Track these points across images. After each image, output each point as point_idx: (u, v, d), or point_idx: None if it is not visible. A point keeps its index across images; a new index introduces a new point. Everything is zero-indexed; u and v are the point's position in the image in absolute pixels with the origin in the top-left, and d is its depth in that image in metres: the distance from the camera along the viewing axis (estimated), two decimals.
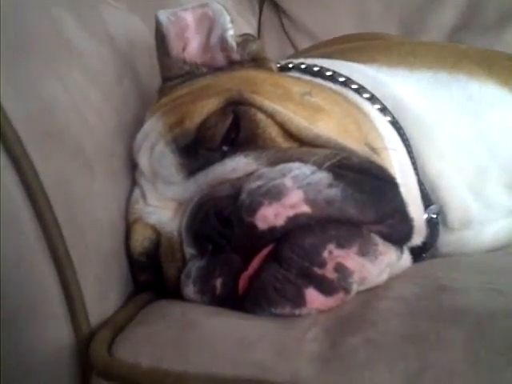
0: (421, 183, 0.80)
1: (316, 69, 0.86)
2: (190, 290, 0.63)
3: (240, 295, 0.59)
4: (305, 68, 0.88)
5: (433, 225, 0.80)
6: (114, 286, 0.67)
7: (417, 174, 0.79)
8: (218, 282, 0.60)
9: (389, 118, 0.81)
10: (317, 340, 0.54)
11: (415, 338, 0.52)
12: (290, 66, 0.89)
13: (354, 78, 0.84)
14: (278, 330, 0.55)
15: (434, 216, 0.79)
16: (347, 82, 0.83)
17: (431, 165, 0.80)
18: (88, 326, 0.60)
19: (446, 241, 0.81)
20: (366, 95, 0.82)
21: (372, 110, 0.80)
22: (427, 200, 0.79)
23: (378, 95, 0.82)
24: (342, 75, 0.84)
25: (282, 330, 0.55)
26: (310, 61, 0.89)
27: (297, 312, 0.57)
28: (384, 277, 0.63)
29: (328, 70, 0.86)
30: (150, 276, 0.71)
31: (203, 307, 0.61)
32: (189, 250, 0.65)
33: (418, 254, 0.77)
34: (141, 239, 0.70)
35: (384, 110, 0.82)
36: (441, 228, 0.80)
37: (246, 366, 0.52)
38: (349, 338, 0.53)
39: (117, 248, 0.69)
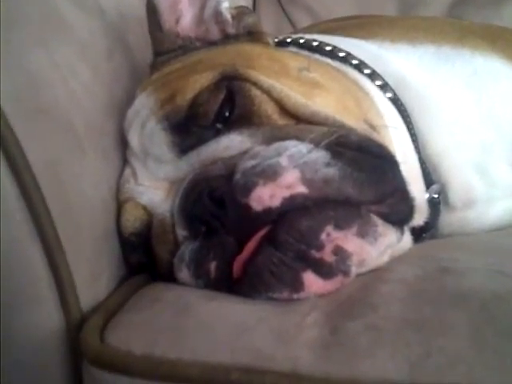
0: (422, 162, 0.79)
1: (315, 44, 0.85)
2: (183, 273, 0.62)
3: (235, 279, 0.57)
4: (303, 43, 0.86)
5: (434, 204, 0.79)
6: (105, 269, 0.65)
7: (418, 152, 0.78)
8: (212, 266, 0.59)
9: (390, 95, 0.80)
10: (317, 325, 0.53)
11: (418, 322, 0.51)
12: (288, 40, 0.87)
13: (354, 53, 0.82)
14: (276, 314, 0.54)
15: (436, 196, 0.78)
16: (347, 58, 0.81)
17: (433, 142, 0.79)
18: (79, 311, 0.59)
19: (448, 221, 0.80)
20: (367, 71, 0.80)
21: (372, 87, 0.79)
22: (428, 179, 0.78)
23: (379, 71, 0.81)
24: (342, 50, 0.82)
25: (281, 315, 0.54)
26: (308, 36, 0.88)
27: (295, 296, 0.56)
28: (384, 258, 0.62)
29: (328, 44, 0.84)
30: (142, 257, 0.70)
31: (198, 291, 0.59)
32: (181, 232, 0.63)
33: (418, 234, 0.76)
34: (132, 219, 0.68)
35: (385, 86, 0.81)
36: (442, 208, 0.79)
37: (244, 353, 0.51)
38: (349, 324, 0.52)
39: (108, 229, 0.68)
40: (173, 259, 0.64)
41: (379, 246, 0.59)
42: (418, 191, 0.74)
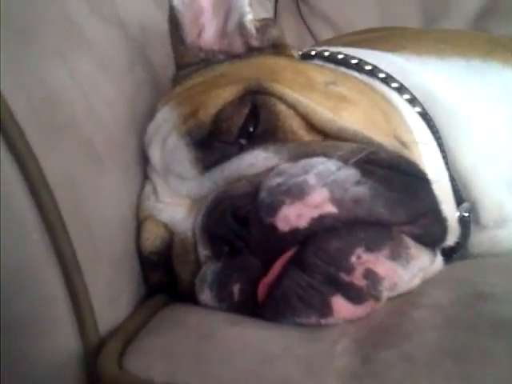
0: (452, 179, 0.76)
1: (340, 57, 0.82)
2: (205, 295, 0.60)
3: (260, 303, 0.56)
4: (328, 56, 0.84)
5: (464, 223, 0.76)
6: (125, 289, 0.64)
7: (448, 169, 0.76)
8: (236, 289, 0.57)
9: (418, 109, 0.77)
10: (347, 354, 0.50)
11: (455, 352, 0.48)
12: (313, 53, 0.85)
13: (381, 66, 0.80)
14: (303, 341, 0.52)
15: (466, 214, 0.75)
16: (374, 71, 0.79)
17: (464, 159, 0.76)
18: (97, 334, 0.57)
19: (478, 240, 0.77)
20: (395, 85, 0.78)
21: (401, 101, 0.76)
22: (458, 197, 0.75)
23: (406, 85, 0.78)
24: (368, 63, 0.80)
25: (309, 342, 0.52)
26: (333, 49, 0.86)
27: (323, 322, 0.54)
28: (416, 281, 0.59)
29: (353, 58, 0.82)
30: (163, 277, 0.68)
31: (221, 314, 0.57)
32: (203, 252, 0.61)
33: (448, 254, 0.72)
34: (152, 238, 0.67)
35: (413, 100, 0.78)
36: (472, 227, 0.76)
37: (270, 383, 0.48)
38: (382, 353, 0.49)
39: (128, 248, 0.66)
40: (194, 280, 0.62)
41: (412, 269, 0.57)
42: (449, 210, 0.70)
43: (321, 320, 0.54)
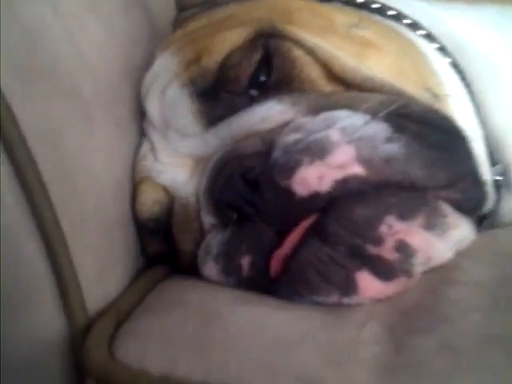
0: (484, 138, 0.71)
1: (361, 0, 0.75)
2: (210, 268, 0.56)
3: (273, 278, 0.52)
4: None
5: (496, 188, 0.70)
6: (118, 262, 0.59)
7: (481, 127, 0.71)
8: (245, 261, 0.53)
9: (449, 60, 0.72)
10: (376, 340, 0.45)
11: (505, 340, 0.43)
12: None
13: (405, 12, 0.74)
14: (324, 325, 0.47)
15: (499, 178, 0.70)
16: (398, 17, 0.73)
17: (498, 116, 0.71)
18: (84, 314, 0.52)
19: (510, 207, 0.72)
20: (422, 32, 0.72)
21: (430, 50, 0.70)
22: (491, 158, 0.70)
23: (434, 33, 0.73)
24: (392, 8, 0.74)
25: (331, 326, 0.47)
26: None
27: (346, 301, 0.50)
28: (449, 254, 0.54)
29: (375, 2, 0.75)
30: (162, 246, 0.65)
31: (227, 291, 0.53)
32: (208, 219, 0.58)
33: (477, 222, 0.66)
34: (149, 202, 0.63)
35: (443, 49, 0.72)
36: (504, 192, 0.71)
37: (286, 376, 0.43)
38: (418, 339, 0.45)
39: (122, 214, 0.61)
40: (197, 251, 0.59)
41: (449, 241, 0.52)
42: (485, 173, 0.65)
43: (344, 299, 0.50)
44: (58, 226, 0.50)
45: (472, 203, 0.55)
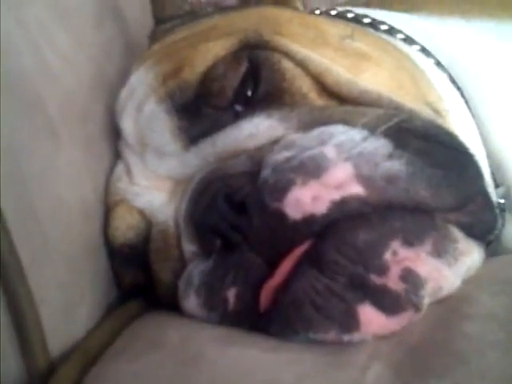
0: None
1: (350, 15, 0.74)
2: (191, 302, 0.52)
3: (263, 312, 0.48)
4: (336, 15, 0.75)
5: (499, 212, 0.68)
6: (85, 297, 0.55)
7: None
8: (231, 294, 0.50)
9: (446, 76, 0.70)
10: None
11: None
12: (317, 12, 0.77)
13: (398, 27, 0.73)
14: (323, 367, 0.43)
15: (502, 201, 0.68)
16: (392, 31, 0.72)
17: (497, 136, 0.69)
18: (46, 358, 0.48)
19: None
20: (416, 47, 0.71)
21: (428, 64, 0.69)
22: (493, 180, 0.69)
23: (428, 48, 0.72)
24: (383, 23, 0.73)
25: (330, 369, 0.43)
26: (340, 8, 0.78)
27: (346, 338, 0.46)
28: (457, 283, 0.51)
29: (366, 16, 0.74)
30: (138, 276, 0.61)
31: (211, 329, 0.49)
32: (189, 247, 0.54)
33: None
34: (124, 227, 0.60)
35: (439, 65, 0.71)
36: (507, 216, 0.69)
37: None
38: (430, 383, 0.40)
39: (91, 243, 0.58)
40: (177, 282, 0.55)
41: (460, 269, 0.49)
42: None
43: (344, 336, 0.46)
44: (15, 257, 0.45)
45: (484, 227, 0.52)
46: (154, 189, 0.59)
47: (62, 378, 0.46)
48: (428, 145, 0.50)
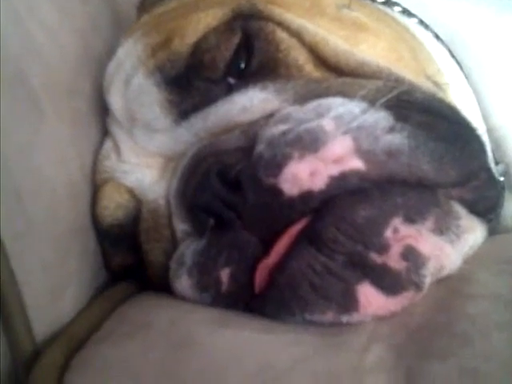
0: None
1: None
2: (183, 283, 0.51)
3: (257, 293, 0.47)
4: None
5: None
6: (73, 278, 0.53)
7: None
8: (225, 274, 0.48)
9: (445, 49, 0.69)
10: (383, 367, 0.40)
11: None
12: None
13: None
14: (320, 350, 0.42)
15: (501, 179, 0.67)
16: (389, 4, 0.70)
17: (497, 112, 0.68)
18: (31, 342, 0.46)
19: None
20: (414, 20, 0.69)
21: (428, 37, 0.67)
22: (493, 157, 0.68)
23: (426, 21, 0.70)
24: None
25: (328, 351, 0.42)
26: None
27: (345, 319, 0.45)
28: (459, 262, 0.50)
29: None
30: (127, 257, 0.60)
31: (203, 311, 0.48)
32: (181, 226, 0.53)
33: None
34: (112, 206, 0.58)
35: (437, 38, 0.69)
36: (507, 194, 0.68)
37: None
38: (434, 365, 0.39)
39: (78, 222, 0.55)
40: (169, 262, 0.54)
41: (462, 247, 0.48)
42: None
43: (342, 317, 0.45)
44: None
45: (487, 204, 0.51)
46: (144, 166, 0.58)
47: (48, 363, 0.44)
48: (430, 118, 0.49)
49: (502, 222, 0.67)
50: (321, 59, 0.55)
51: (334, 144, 0.45)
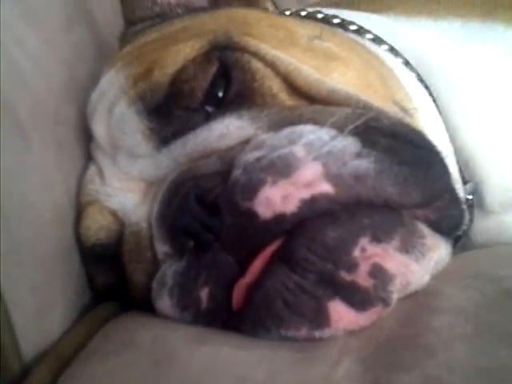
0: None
1: (320, 16, 0.74)
2: (164, 302, 0.52)
3: (235, 311, 0.48)
4: (305, 15, 0.75)
5: (467, 207, 0.68)
6: (58, 299, 0.54)
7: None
8: (204, 293, 0.49)
9: (414, 75, 0.70)
10: (352, 379, 0.41)
11: (496, 372, 0.40)
12: (287, 13, 0.76)
13: (367, 27, 0.73)
14: (293, 364, 0.43)
15: (470, 197, 0.68)
16: (361, 31, 0.72)
17: (465, 133, 0.69)
18: (18, 361, 0.47)
19: (482, 227, 0.70)
20: (385, 47, 0.71)
21: (396, 63, 0.69)
22: (461, 177, 0.69)
23: (397, 48, 0.72)
24: (353, 23, 0.73)
25: (301, 365, 0.43)
26: (310, 9, 0.78)
27: (317, 334, 0.46)
28: (426, 278, 0.52)
29: (335, 17, 0.74)
30: (110, 276, 0.61)
31: (183, 329, 0.49)
32: (162, 248, 0.54)
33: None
34: (95, 226, 0.59)
35: (407, 64, 0.71)
36: (476, 211, 0.69)
37: None
38: (399, 376, 0.40)
39: (63, 244, 0.56)
40: (151, 283, 0.54)
41: (427, 264, 0.50)
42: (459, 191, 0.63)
43: (315, 332, 0.46)
44: None
45: (450, 223, 0.52)
46: (127, 190, 0.58)
47: (36, 381, 0.45)
48: (395, 143, 0.50)
49: (472, 239, 0.69)
50: (294, 88, 0.56)
51: (304, 169, 0.46)
